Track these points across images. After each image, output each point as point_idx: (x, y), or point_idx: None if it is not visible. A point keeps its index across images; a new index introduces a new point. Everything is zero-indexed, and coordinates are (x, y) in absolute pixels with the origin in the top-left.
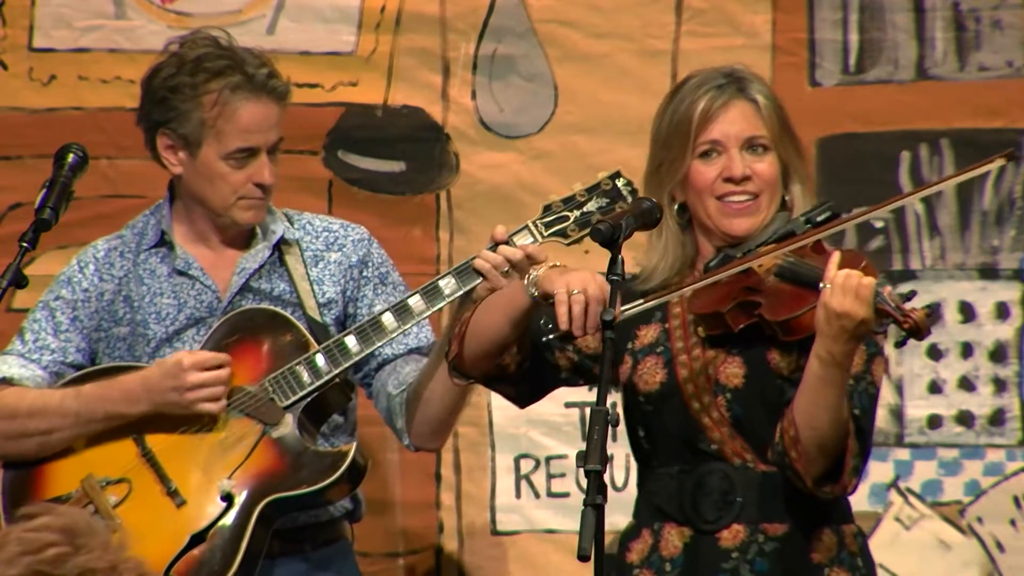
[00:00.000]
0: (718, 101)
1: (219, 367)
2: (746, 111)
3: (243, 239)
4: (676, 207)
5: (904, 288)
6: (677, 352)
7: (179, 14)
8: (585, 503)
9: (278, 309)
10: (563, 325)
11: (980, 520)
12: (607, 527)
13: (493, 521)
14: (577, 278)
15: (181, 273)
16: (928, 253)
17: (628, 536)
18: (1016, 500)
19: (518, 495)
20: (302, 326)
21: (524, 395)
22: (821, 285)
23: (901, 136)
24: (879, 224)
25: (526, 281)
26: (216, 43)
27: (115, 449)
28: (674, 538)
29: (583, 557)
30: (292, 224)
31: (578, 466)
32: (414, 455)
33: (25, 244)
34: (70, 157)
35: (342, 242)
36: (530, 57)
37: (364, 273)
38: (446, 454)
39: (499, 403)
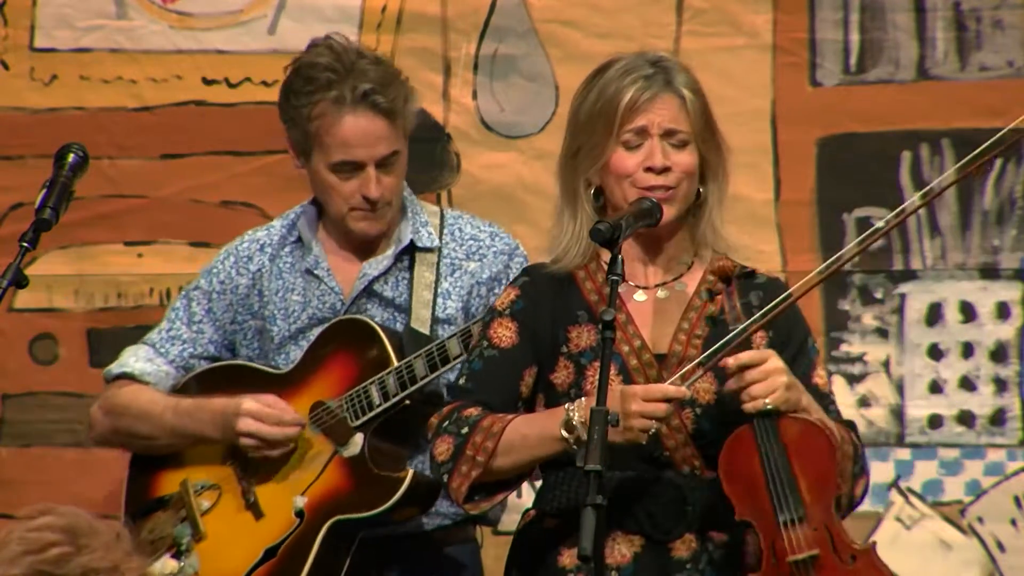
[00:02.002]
0: (646, 93)
1: (279, 423)
2: (672, 104)
3: (376, 243)
4: (592, 191)
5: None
6: (626, 357)
7: (180, 14)
8: (585, 503)
9: (371, 321)
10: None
11: (981, 520)
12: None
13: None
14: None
15: (310, 272)
16: (929, 253)
17: (554, 538)
18: (1017, 500)
19: (519, 495)
20: (388, 343)
21: None
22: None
23: (902, 136)
24: (880, 224)
25: (562, 426)
26: (332, 51)
27: (215, 454)
28: (622, 546)
29: (583, 557)
30: (443, 227)
31: (577, 466)
32: None
33: (26, 244)
34: (70, 157)
35: (483, 252)
36: (531, 57)
37: (494, 291)
38: None
39: None
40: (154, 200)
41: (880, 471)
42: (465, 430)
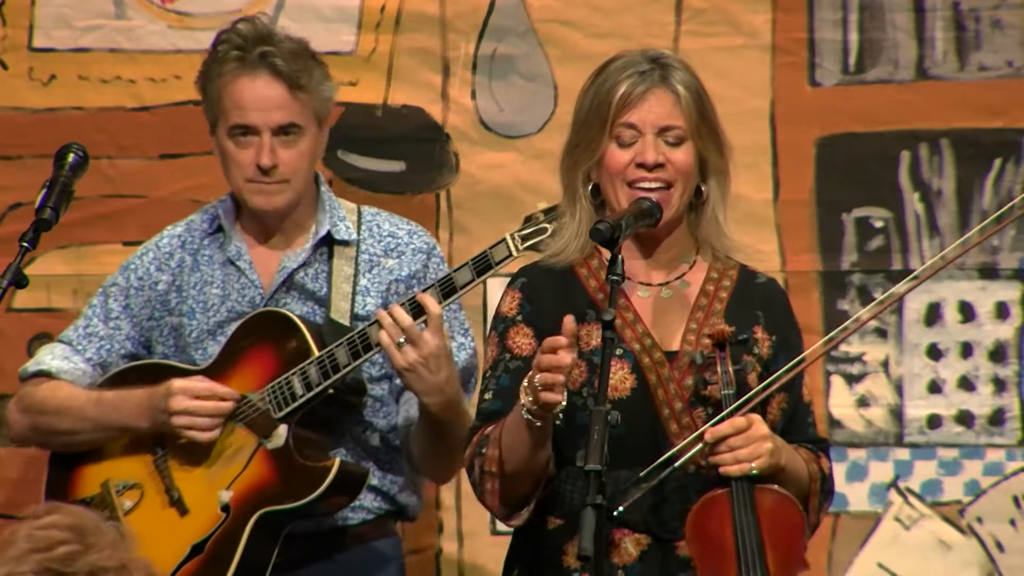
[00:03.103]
0: (639, 87)
1: (213, 396)
2: (665, 100)
3: (297, 236)
4: (590, 188)
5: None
6: (639, 355)
7: (179, 14)
8: (585, 503)
9: (289, 313)
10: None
11: (980, 520)
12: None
13: (493, 521)
14: (537, 377)
15: (231, 263)
16: (928, 253)
17: (558, 537)
18: (1016, 500)
19: None
20: (308, 334)
21: None
22: None
23: (901, 136)
24: (879, 224)
25: (523, 411)
26: (252, 24)
27: (135, 452)
28: (628, 545)
29: (583, 557)
30: (360, 223)
31: (577, 466)
32: None
33: (26, 244)
34: (70, 157)
35: (402, 250)
36: (530, 57)
37: (412, 288)
38: None
39: None
40: (153, 200)
41: (879, 471)
42: (484, 449)
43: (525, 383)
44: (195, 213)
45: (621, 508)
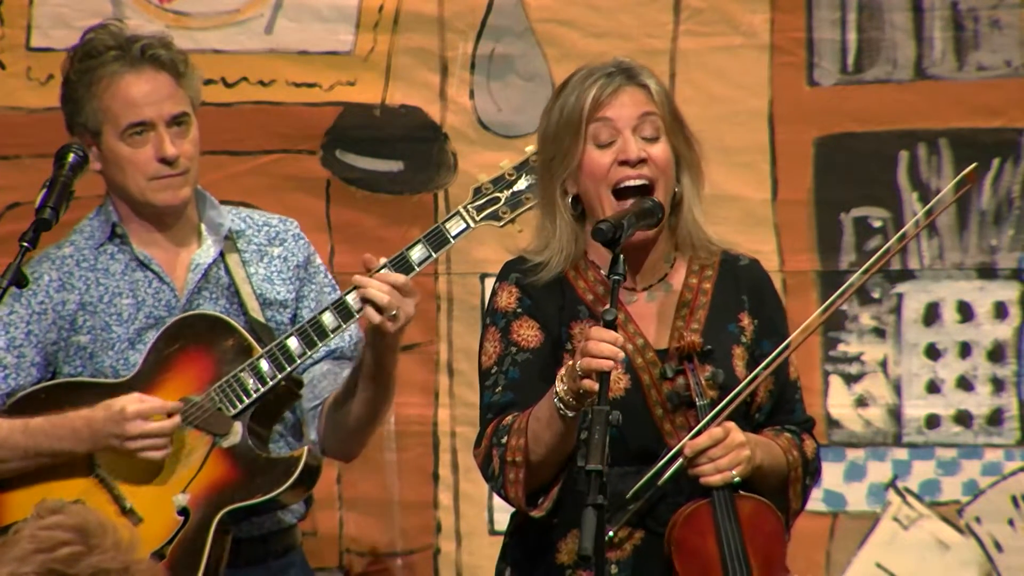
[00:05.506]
0: (609, 88)
1: (168, 411)
2: (637, 96)
3: (191, 235)
4: (569, 199)
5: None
6: (632, 356)
7: (177, 14)
8: (585, 503)
9: (218, 313)
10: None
11: (978, 520)
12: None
13: (491, 521)
14: (581, 362)
15: (139, 268)
16: (926, 253)
17: (550, 535)
18: (1014, 500)
19: None
20: (244, 329)
21: None
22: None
23: (899, 136)
24: (877, 223)
25: (555, 400)
26: (106, 29)
27: (68, 470)
28: (621, 540)
29: (584, 557)
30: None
31: (578, 465)
32: (412, 455)
33: (26, 244)
34: (71, 157)
35: (283, 237)
36: (528, 56)
37: (307, 271)
38: (444, 454)
39: None
40: None
41: (877, 471)
42: (504, 439)
43: (562, 371)
44: (72, 234)
45: (611, 532)
